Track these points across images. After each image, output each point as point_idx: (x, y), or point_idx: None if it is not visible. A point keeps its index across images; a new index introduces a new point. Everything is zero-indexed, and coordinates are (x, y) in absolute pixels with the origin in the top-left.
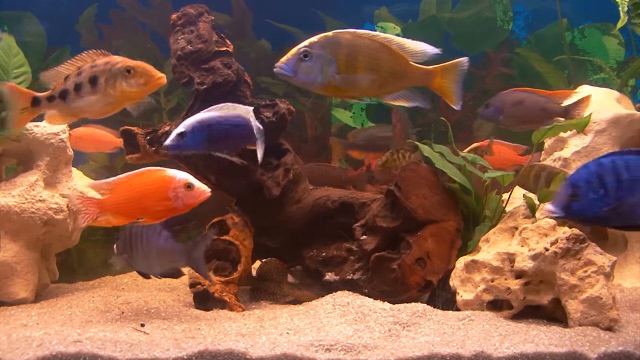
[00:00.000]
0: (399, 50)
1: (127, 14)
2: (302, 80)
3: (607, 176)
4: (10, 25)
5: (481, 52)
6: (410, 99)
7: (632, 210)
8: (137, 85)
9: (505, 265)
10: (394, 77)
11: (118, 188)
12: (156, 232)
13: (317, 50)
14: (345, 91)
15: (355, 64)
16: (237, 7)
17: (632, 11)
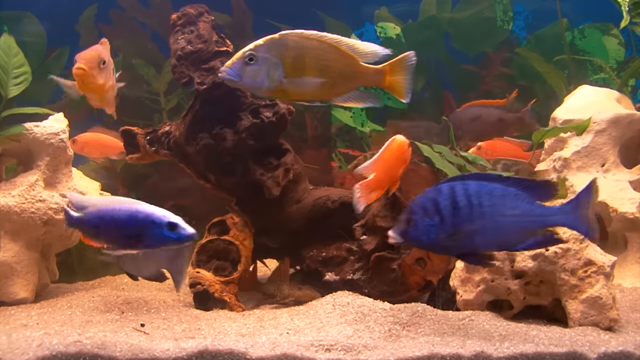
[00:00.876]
0: (348, 51)
1: (127, 14)
2: (248, 84)
3: (443, 202)
4: (10, 25)
5: (481, 52)
6: (361, 100)
7: (470, 238)
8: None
9: (505, 265)
10: (344, 78)
11: (378, 165)
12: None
13: (262, 54)
14: (294, 94)
15: (303, 66)
16: (237, 7)
17: (633, 11)
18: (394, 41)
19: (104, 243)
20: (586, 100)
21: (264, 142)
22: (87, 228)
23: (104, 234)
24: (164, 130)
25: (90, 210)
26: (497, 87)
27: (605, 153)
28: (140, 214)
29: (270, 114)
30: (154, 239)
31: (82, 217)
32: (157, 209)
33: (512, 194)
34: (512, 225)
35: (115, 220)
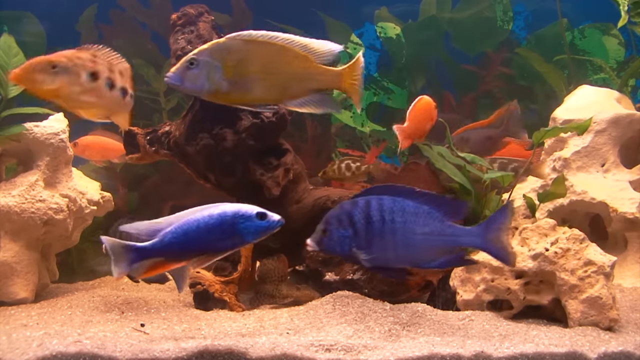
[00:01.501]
0: (302, 52)
1: (127, 14)
2: (189, 88)
3: (357, 216)
4: (10, 25)
5: (481, 52)
6: (319, 105)
7: (382, 253)
8: None
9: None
10: (297, 80)
11: (410, 116)
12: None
13: (203, 58)
14: (238, 97)
15: (247, 69)
16: (237, 7)
17: (632, 10)
18: (394, 41)
19: (193, 257)
20: (586, 100)
21: (264, 142)
22: (170, 250)
23: (196, 247)
24: (164, 130)
25: (170, 230)
26: (497, 87)
27: (605, 153)
28: (228, 214)
29: (270, 114)
30: (249, 233)
31: (159, 241)
32: (234, 205)
33: (425, 212)
34: (423, 243)
35: (208, 227)
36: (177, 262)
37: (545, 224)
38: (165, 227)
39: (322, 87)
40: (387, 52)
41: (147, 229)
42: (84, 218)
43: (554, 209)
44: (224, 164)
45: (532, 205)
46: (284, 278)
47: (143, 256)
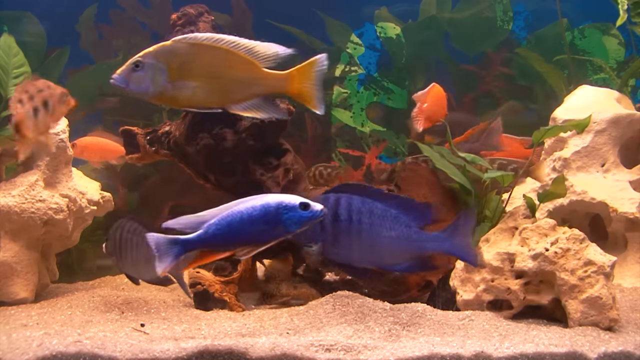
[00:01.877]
0: (246, 56)
1: (127, 14)
2: (134, 90)
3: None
4: (10, 25)
5: (481, 52)
6: (262, 110)
7: (347, 252)
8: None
9: (505, 265)
10: (240, 84)
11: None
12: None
13: (149, 60)
14: (182, 100)
15: (190, 72)
16: (237, 7)
17: (632, 10)
18: (394, 41)
19: (237, 248)
20: (586, 100)
21: (264, 142)
22: (214, 241)
23: (239, 238)
24: (164, 130)
25: (213, 222)
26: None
27: (605, 153)
28: (271, 205)
29: None
30: (292, 223)
31: (203, 233)
32: (277, 195)
33: (392, 216)
34: (388, 246)
35: (251, 219)
36: (221, 254)
37: (545, 224)
38: (209, 219)
39: (268, 92)
40: (387, 52)
41: (191, 222)
42: (84, 218)
43: (554, 209)
44: (224, 164)
45: (532, 205)
46: (287, 278)
47: (188, 249)
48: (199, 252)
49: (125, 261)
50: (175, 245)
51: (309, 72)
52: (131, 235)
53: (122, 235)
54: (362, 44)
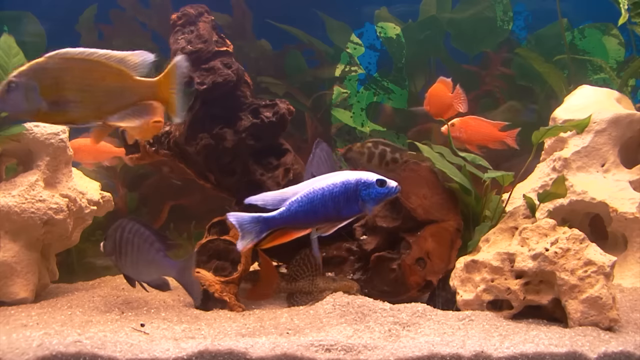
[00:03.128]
0: (116, 66)
1: (127, 14)
2: (10, 109)
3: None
4: (10, 25)
5: (481, 52)
6: (135, 115)
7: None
8: None
9: (505, 265)
10: (113, 95)
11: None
12: (148, 242)
13: (21, 79)
14: (60, 117)
15: (63, 87)
16: (237, 7)
17: (632, 10)
18: (394, 41)
19: (317, 225)
20: (586, 100)
21: (264, 142)
22: (296, 218)
23: (321, 214)
24: (164, 131)
25: (296, 200)
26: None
27: (605, 153)
28: (351, 181)
29: (270, 114)
30: (371, 199)
31: (286, 210)
32: (355, 172)
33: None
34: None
35: (332, 195)
36: (301, 231)
37: (545, 224)
38: (290, 197)
39: (141, 99)
40: (387, 52)
41: (273, 199)
42: (84, 218)
43: (554, 209)
44: (224, 164)
45: (532, 205)
46: (318, 271)
47: (271, 226)
48: (278, 230)
49: (125, 262)
50: (258, 223)
51: (171, 76)
52: (132, 236)
53: (122, 236)
54: (362, 44)
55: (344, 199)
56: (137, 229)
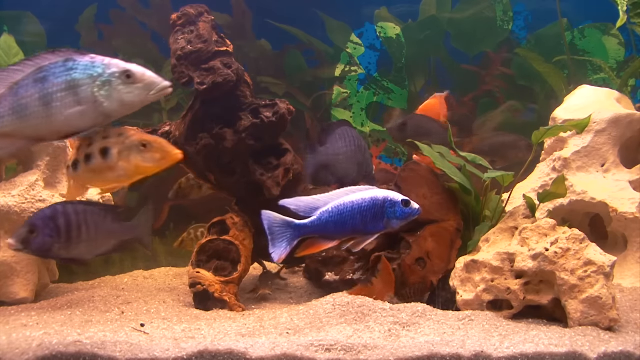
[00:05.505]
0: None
1: (127, 14)
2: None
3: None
4: (10, 25)
5: (481, 52)
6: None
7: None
8: (152, 161)
9: (505, 265)
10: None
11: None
12: (101, 216)
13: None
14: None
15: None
16: (237, 7)
17: (632, 11)
18: (394, 41)
19: (344, 237)
20: (586, 100)
21: (264, 142)
22: (326, 228)
23: (349, 227)
24: (164, 130)
25: (327, 210)
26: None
27: (605, 153)
28: (379, 198)
29: (270, 114)
30: (395, 218)
31: (317, 219)
32: (382, 190)
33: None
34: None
35: (361, 209)
36: (329, 242)
37: (545, 224)
38: (323, 206)
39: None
40: (387, 52)
41: (306, 206)
42: None
43: (554, 209)
44: (224, 164)
45: (532, 205)
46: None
47: (302, 233)
48: (308, 241)
49: (78, 244)
50: (290, 228)
51: None
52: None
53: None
54: (362, 44)
55: (371, 214)
56: (84, 209)
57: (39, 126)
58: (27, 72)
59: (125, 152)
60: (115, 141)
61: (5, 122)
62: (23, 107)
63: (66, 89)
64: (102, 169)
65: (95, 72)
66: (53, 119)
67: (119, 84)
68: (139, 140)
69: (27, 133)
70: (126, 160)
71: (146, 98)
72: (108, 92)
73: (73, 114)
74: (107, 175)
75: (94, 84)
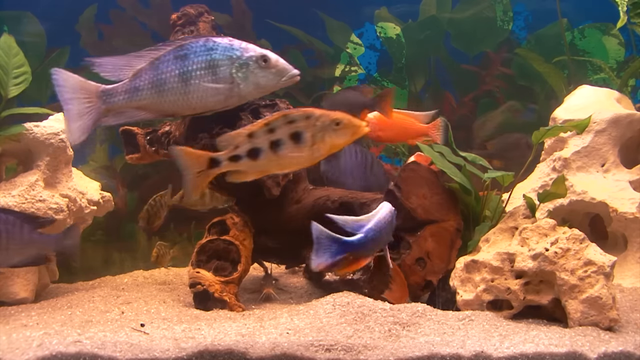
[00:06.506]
0: None
1: (127, 14)
2: None
3: None
4: (10, 25)
5: (481, 52)
6: None
7: None
8: (345, 137)
9: (505, 265)
10: None
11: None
12: (17, 226)
13: None
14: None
15: None
16: (237, 7)
17: (632, 11)
18: (394, 41)
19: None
20: (586, 100)
21: None
22: (368, 245)
23: (382, 242)
24: (164, 130)
25: (370, 227)
26: (497, 87)
27: (605, 153)
28: (391, 210)
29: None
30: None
31: (363, 237)
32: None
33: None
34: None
35: (387, 222)
36: (365, 258)
37: (545, 224)
38: (366, 224)
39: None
40: (387, 52)
41: (353, 223)
42: (84, 218)
43: (554, 209)
44: None
45: (532, 205)
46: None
47: (347, 250)
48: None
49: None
50: (336, 243)
51: None
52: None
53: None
54: (362, 44)
55: (391, 227)
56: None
57: (176, 102)
58: (168, 49)
59: (319, 133)
60: (305, 124)
61: (144, 95)
62: (162, 81)
63: (206, 67)
64: (294, 154)
65: (234, 54)
66: (190, 95)
67: (255, 67)
68: (332, 119)
69: (163, 107)
70: (321, 141)
71: (278, 83)
72: (245, 74)
73: (209, 92)
74: (299, 159)
75: (232, 65)
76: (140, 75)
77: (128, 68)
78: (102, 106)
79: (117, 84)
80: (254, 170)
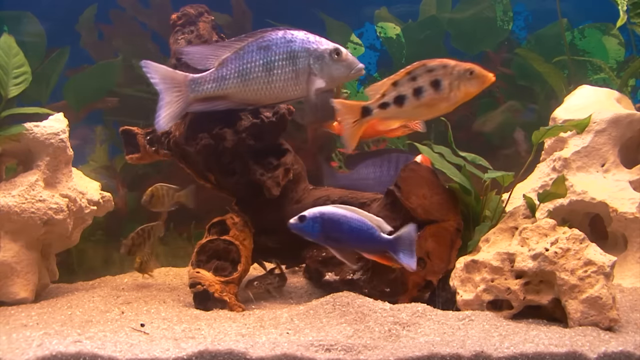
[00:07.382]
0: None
1: (127, 14)
2: None
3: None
4: (10, 25)
5: (481, 52)
6: None
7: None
8: (477, 86)
9: (505, 265)
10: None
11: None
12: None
13: None
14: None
15: None
16: (237, 7)
17: (632, 11)
18: (394, 41)
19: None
20: (586, 100)
21: (264, 142)
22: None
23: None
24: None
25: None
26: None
27: (605, 153)
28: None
29: (270, 114)
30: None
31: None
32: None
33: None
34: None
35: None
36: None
37: (545, 224)
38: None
39: None
40: (387, 52)
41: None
42: (84, 218)
43: (554, 209)
44: (224, 164)
45: (532, 205)
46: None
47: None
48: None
49: None
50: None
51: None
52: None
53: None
54: (362, 44)
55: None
56: None
57: (259, 91)
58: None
59: (456, 81)
60: (443, 72)
61: (230, 84)
62: (247, 71)
63: (287, 58)
64: (434, 101)
65: (311, 46)
66: (273, 85)
67: (329, 59)
68: (465, 69)
69: (246, 96)
70: (457, 89)
71: (347, 76)
72: (320, 66)
73: (290, 81)
74: (439, 106)
75: (309, 57)
76: (226, 64)
77: (214, 57)
78: (191, 94)
79: (204, 73)
80: (400, 117)
